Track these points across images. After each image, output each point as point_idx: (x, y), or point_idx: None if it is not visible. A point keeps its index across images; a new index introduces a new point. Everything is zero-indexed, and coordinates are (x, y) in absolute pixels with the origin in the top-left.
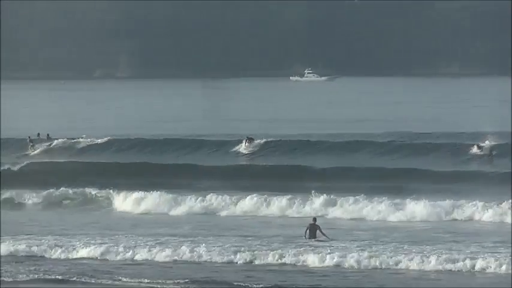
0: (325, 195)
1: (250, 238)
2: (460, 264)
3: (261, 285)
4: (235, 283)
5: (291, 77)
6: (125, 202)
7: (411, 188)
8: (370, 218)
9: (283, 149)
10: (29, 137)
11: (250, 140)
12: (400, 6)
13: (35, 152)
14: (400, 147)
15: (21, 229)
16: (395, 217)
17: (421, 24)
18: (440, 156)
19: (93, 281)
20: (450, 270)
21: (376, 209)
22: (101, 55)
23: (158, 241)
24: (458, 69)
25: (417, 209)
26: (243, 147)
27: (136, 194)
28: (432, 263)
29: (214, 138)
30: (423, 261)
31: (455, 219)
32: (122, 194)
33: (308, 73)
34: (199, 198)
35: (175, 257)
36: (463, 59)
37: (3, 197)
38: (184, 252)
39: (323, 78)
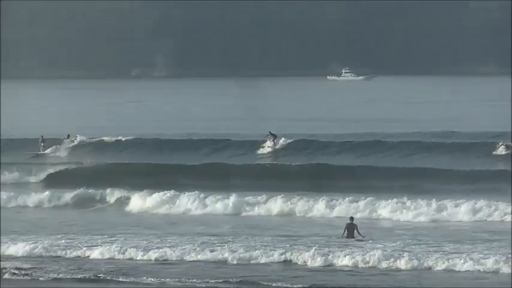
0: (350, 197)
1: (286, 238)
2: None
3: (299, 285)
4: (271, 283)
5: (328, 77)
6: (156, 202)
7: (441, 188)
8: (401, 217)
9: (314, 147)
10: (42, 137)
11: (273, 136)
12: (436, 6)
13: (46, 151)
14: (430, 146)
15: (59, 229)
16: (427, 217)
17: (459, 23)
18: (470, 156)
19: (128, 280)
20: (497, 269)
21: (408, 209)
22: (139, 54)
23: (193, 241)
24: (496, 68)
25: (449, 209)
26: (267, 145)
27: (167, 195)
28: (472, 263)
29: (247, 138)
30: (464, 261)
31: (488, 220)
32: (154, 195)
33: (345, 72)
34: (231, 198)
35: (210, 257)
36: (500, 58)
37: (38, 197)
38: (219, 251)
39: (360, 77)
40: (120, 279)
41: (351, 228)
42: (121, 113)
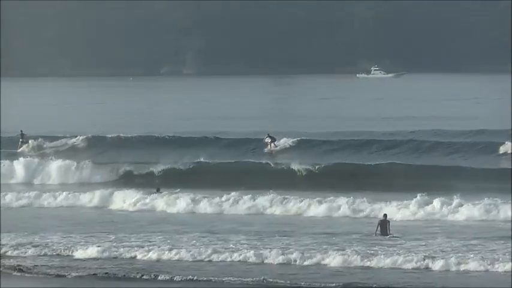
0: (365, 198)
1: (318, 236)
2: None
3: (331, 284)
4: (303, 282)
5: (357, 75)
6: (180, 202)
7: (460, 187)
8: (431, 216)
9: (317, 147)
10: (21, 131)
11: (272, 139)
12: (464, 4)
13: (22, 148)
14: (445, 145)
15: (98, 228)
16: (454, 216)
17: (487, 21)
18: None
19: (159, 278)
20: None
21: (433, 208)
22: (168, 52)
23: (228, 240)
24: None
25: (481, 207)
26: (266, 148)
27: (192, 195)
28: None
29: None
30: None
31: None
32: (178, 194)
33: (375, 70)
34: (252, 197)
35: (240, 257)
36: None
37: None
38: (247, 252)
39: (390, 75)
40: (147, 278)
41: (383, 224)
42: (142, 111)
